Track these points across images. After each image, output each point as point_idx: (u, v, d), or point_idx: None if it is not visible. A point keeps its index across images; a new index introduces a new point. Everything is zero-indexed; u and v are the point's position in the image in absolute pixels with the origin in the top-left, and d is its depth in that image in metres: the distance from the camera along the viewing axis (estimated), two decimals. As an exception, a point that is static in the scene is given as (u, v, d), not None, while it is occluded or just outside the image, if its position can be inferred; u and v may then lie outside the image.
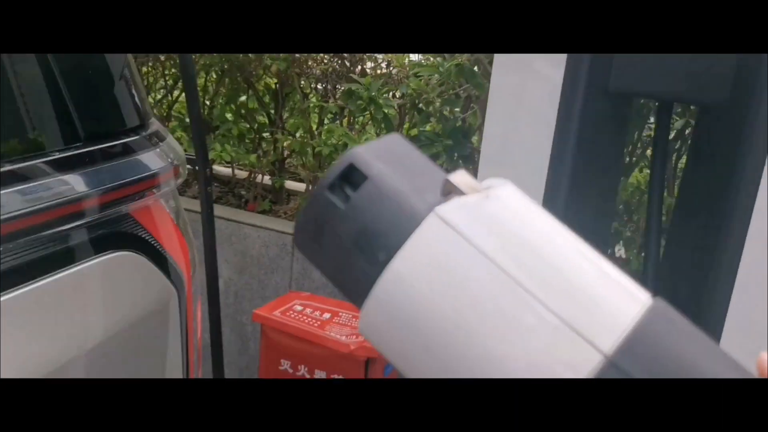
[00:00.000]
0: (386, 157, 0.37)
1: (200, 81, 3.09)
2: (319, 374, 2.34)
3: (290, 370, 2.38)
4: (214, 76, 3.22)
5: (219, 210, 2.69)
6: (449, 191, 0.35)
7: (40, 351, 0.72)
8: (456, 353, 0.33)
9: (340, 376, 2.29)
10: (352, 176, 0.36)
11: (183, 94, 2.98)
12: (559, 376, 0.33)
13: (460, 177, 0.36)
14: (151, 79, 3.28)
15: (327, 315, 2.43)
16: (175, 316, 0.91)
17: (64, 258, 0.77)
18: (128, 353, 0.83)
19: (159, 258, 0.88)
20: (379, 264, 0.34)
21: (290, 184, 3.21)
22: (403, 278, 0.33)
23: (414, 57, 2.67)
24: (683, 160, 2.19)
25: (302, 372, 2.37)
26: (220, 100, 3.10)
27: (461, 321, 0.33)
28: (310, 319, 2.40)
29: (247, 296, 2.80)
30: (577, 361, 0.33)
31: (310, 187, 2.98)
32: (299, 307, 2.46)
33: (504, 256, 0.32)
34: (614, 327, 0.33)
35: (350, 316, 2.41)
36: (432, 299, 0.33)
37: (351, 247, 0.35)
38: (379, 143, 0.39)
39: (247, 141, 2.99)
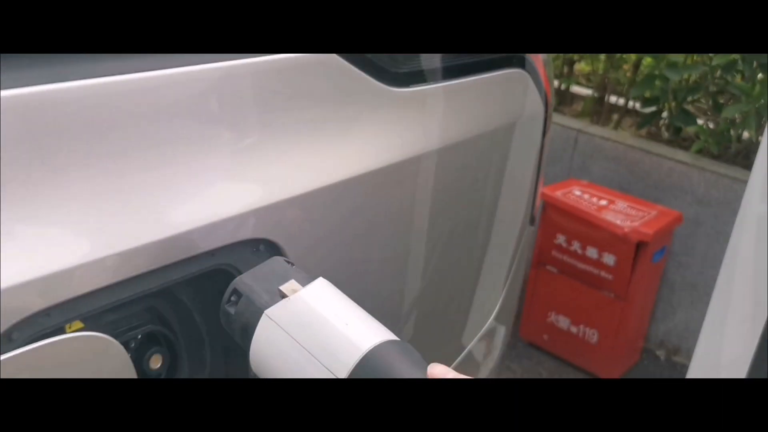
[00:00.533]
0: (259, 277, 0.63)
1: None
2: (591, 251, 2.61)
3: (564, 245, 2.68)
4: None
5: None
6: (282, 295, 0.60)
7: (451, 126, 1.03)
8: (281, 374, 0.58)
9: (612, 255, 2.55)
10: (235, 295, 0.62)
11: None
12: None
13: (287, 286, 0.61)
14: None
15: (604, 202, 2.67)
16: (540, 127, 1.23)
17: (479, 67, 1.10)
18: (509, 144, 1.15)
19: (537, 81, 1.19)
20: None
21: (575, 88, 3.42)
22: (258, 348, 0.60)
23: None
24: None
25: (575, 248, 2.65)
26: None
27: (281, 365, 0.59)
28: (587, 203, 2.66)
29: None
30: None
31: (595, 94, 3.18)
32: (578, 192, 2.72)
33: (294, 330, 0.58)
34: (345, 365, 0.54)
35: (626, 205, 2.63)
36: (270, 354, 0.59)
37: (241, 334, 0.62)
38: (258, 269, 0.64)
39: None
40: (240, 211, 0.66)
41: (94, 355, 0.53)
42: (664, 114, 2.91)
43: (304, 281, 0.62)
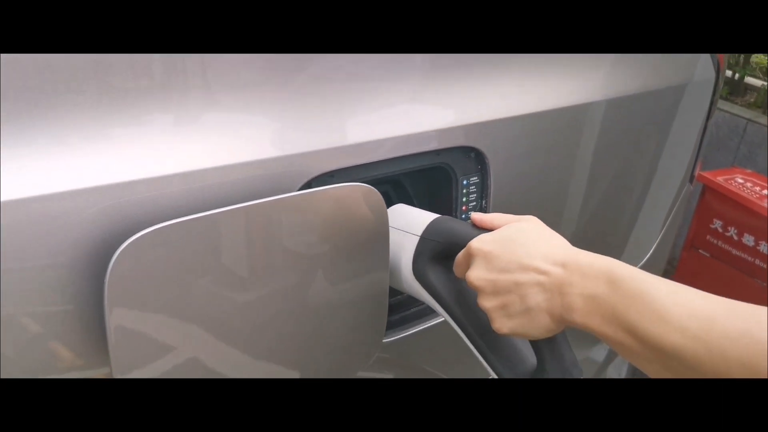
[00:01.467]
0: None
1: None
2: (748, 239, 2.63)
3: (720, 230, 2.72)
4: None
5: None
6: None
7: (628, 79, 1.18)
8: None
9: (769, 244, 2.55)
10: None
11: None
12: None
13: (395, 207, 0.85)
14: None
15: (766, 191, 2.67)
16: (709, 92, 1.34)
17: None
18: (677, 104, 1.28)
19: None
20: None
21: (750, 80, 3.37)
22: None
23: None
24: None
25: (731, 233, 2.68)
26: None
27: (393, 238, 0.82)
28: (749, 191, 2.67)
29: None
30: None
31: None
32: (741, 180, 2.74)
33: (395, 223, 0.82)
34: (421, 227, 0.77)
35: (790, 197, 2.62)
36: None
37: None
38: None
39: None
40: (461, 123, 0.87)
41: (359, 200, 0.76)
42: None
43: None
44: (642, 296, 0.55)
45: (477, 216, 0.73)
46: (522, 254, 0.64)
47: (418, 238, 0.79)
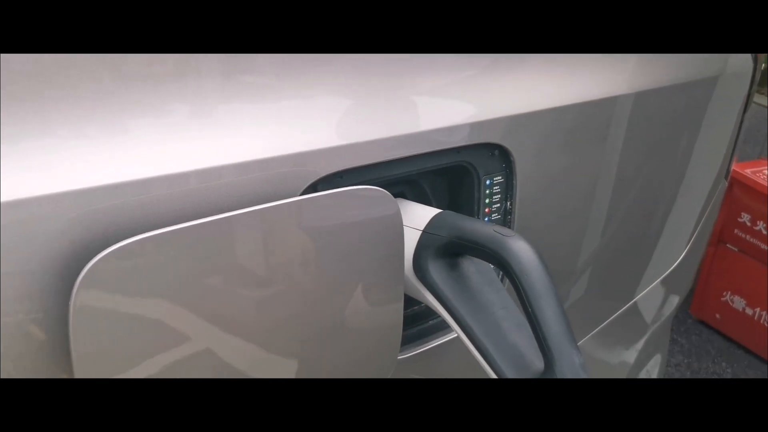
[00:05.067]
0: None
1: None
2: (777, 233, 2.53)
3: (748, 224, 2.62)
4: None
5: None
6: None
7: (655, 72, 1.10)
8: None
9: (800, 238, 2.45)
10: None
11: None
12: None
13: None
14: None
15: (797, 184, 2.57)
16: (746, 83, 1.26)
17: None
18: (708, 97, 1.19)
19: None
20: None
21: (777, 67, 3.25)
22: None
23: None
24: None
25: (759, 227, 2.58)
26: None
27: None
28: (779, 184, 2.57)
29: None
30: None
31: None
32: (769, 172, 2.64)
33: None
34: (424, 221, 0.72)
35: (822, 188, 2.52)
36: None
37: None
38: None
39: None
40: (484, 119, 0.79)
41: (372, 203, 0.68)
42: None
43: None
44: None
45: None
46: None
47: (419, 233, 0.74)
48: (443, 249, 0.72)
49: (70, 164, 0.54)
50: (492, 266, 0.74)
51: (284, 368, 0.68)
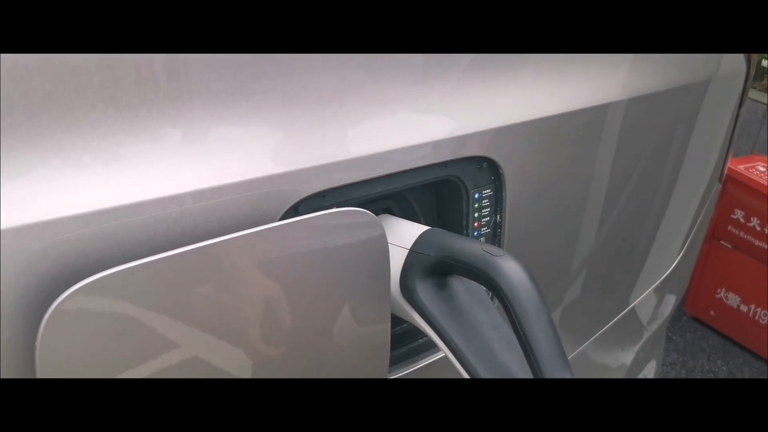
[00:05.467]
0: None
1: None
2: (771, 229, 2.52)
3: (742, 220, 2.60)
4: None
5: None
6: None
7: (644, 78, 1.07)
8: None
9: (794, 234, 2.44)
10: None
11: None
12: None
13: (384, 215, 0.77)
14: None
15: (790, 180, 2.55)
16: (740, 84, 1.24)
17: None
18: (700, 100, 1.17)
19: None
20: None
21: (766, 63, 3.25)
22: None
23: None
24: None
25: (753, 224, 2.57)
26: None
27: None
28: (772, 180, 2.56)
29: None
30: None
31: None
32: (762, 168, 2.62)
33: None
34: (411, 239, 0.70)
35: (815, 184, 2.50)
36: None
37: None
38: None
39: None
40: (471, 131, 0.77)
41: (355, 226, 0.65)
42: None
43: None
44: None
45: None
46: None
47: (406, 252, 0.71)
48: (431, 269, 0.70)
49: (31, 196, 0.51)
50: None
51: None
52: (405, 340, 0.84)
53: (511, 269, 0.64)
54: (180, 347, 0.56)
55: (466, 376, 0.67)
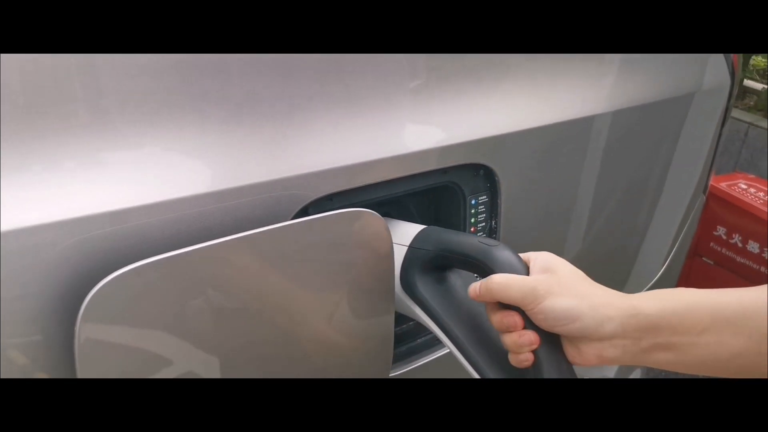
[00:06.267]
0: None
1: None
2: (753, 246, 2.57)
3: (724, 237, 2.66)
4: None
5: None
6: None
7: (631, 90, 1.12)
8: None
9: (774, 251, 2.50)
10: None
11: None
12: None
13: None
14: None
15: (770, 197, 2.61)
16: (724, 98, 1.28)
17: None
18: (684, 114, 1.22)
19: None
20: None
21: (749, 83, 3.33)
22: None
23: None
24: None
25: (735, 240, 2.62)
26: None
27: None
28: (753, 197, 2.62)
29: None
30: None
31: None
32: (744, 185, 2.68)
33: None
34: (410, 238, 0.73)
35: (796, 201, 2.56)
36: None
37: None
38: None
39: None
40: (470, 139, 0.81)
41: (361, 225, 0.69)
42: None
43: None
44: None
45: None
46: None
47: (406, 248, 0.75)
48: (430, 263, 0.73)
49: (66, 195, 0.55)
50: (478, 277, 0.75)
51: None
52: (405, 340, 0.88)
53: (505, 257, 0.67)
54: (200, 332, 0.60)
55: (465, 363, 0.71)
